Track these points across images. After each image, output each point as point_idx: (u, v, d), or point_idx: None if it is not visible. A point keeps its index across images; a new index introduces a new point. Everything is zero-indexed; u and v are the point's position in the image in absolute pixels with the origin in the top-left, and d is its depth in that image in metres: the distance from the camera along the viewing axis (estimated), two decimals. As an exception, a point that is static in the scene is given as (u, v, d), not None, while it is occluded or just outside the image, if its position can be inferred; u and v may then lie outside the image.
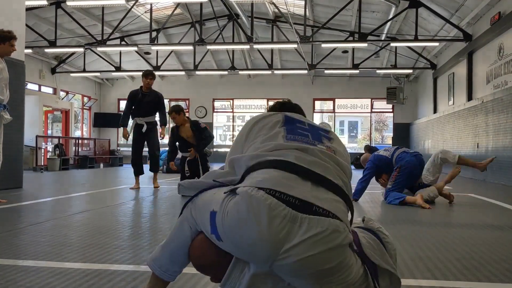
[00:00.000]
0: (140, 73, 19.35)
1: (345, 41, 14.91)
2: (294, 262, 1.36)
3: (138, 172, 7.30)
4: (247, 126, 1.82)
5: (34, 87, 16.85)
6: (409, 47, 15.55)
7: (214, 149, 19.90)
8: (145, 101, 7.18)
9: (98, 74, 19.60)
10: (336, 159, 1.60)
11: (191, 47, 15.73)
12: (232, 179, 1.63)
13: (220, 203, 1.46)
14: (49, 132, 18.27)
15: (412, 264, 2.58)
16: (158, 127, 7.30)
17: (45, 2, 11.38)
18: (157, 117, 7.40)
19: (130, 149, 7.42)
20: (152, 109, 7.27)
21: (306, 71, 17.07)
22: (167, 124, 7.62)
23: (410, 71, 17.50)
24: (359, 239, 1.56)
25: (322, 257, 1.36)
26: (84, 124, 20.82)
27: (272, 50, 16.86)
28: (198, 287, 2.12)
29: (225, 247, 1.48)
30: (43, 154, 15.24)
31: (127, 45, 16.06)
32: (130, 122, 7.37)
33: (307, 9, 13.04)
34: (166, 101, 21.50)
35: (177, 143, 7.02)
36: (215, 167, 9.44)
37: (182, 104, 21.70)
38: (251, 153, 1.63)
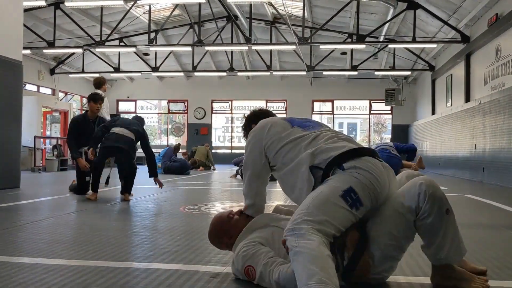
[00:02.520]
0: (139, 74, 19.41)
1: (344, 42, 14.95)
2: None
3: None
4: (261, 132, 2.26)
5: (33, 88, 16.87)
6: (407, 49, 15.58)
7: (213, 150, 19.93)
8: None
9: (97, 75, 19.57)
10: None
11: (189, 48, 15.77)
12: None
13: (352, 182, 1.88)
14: (48, 133, 18.27)
15: (403, 262, 2.59)
16: None
17: (44, 3, 11.40)
18: None
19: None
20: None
21: (304, 73, 17.10)
22: None
23: (409, 72, 17.54)
24: None
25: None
26: (83, 125, 20.79)
27: (270, 52, 16.89)
28: (190, 283, 2.14)
29: (364, 208, 1.90)
30: (41, 155, 15.24)
31: (125, 46, 16.08)
32: None
33: (305, 11, 13.08)
34: (164, 102, 21.81)
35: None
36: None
37: (181, 105, 21.75)
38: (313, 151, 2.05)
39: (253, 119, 2.57)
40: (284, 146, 2.15)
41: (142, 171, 6.62)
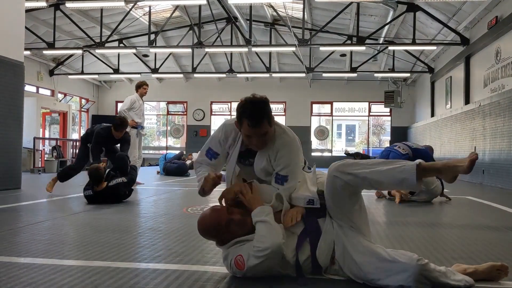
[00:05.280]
0: (139, 76, 19.34)
1: (343, 44, 14.96)
2: None
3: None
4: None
5: (32, 89, 16.84)
6: (406, 51, 15.60)
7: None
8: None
9: (96, 76, 19.62)
10: None
11: (189, 50, 15.76)
12: None
13: None
14: (47, 134, 18.25)
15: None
16: None
17: (44, 4, 11.37)
18: None
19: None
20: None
21: (304, 74, 17.11)
22: None
23: (408, 74, 17.56)
24: None
25: None
26: (81, 127, 20.80)
27: (270, 53, 16.90)
28: (200, 283, 2.14)
29: None
30: (40, 156, 15.22)
31: (125, 47, 16.06)
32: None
33: (305, 13, 13.09)
34: (163, 104, 21.84)
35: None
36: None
37: (180, 106, 21.76)
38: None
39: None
40: None
41: (145, 171, 6.60)
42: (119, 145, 6.82)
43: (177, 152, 14.35)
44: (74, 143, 17.15)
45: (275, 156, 2.34)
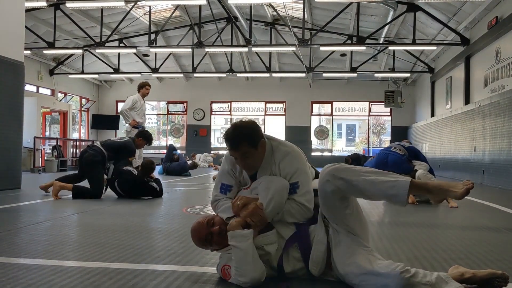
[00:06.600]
0: (139, 75, 19.36)
1: (343, 44, 14.96)
2: None
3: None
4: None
5: (32, 88, 16.85)
6: (407, 51, 15.60)
7: (213, 152, 19.95)
8: None
9: (96, 76, 19.62)
10: None
11: (189, 50, 15.76)
12: None
13: None
14: (47, 133, 18.25)
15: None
16: None
17: (45, 4, 11.37)
18: None
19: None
20: None
21: (304, 74, 17.11)
22: None
23: (408, 74, 17.56)
24: None
25: None
26: (82, 126, 20.81)
27: (270, 53, 16.89)
28: (198, 284, 2.14)
29: None
30: (40, 156, 15.22)
31: (125, 47, 16.06)
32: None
33: (305, 12, 13.08)
34: (164, 103, 21.83)
35: None
36: (213, 172, 9.37)
37: (180, 106, 21.79)
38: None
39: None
40: None
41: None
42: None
43: (178, 152, 14.26)
44: (75, 142, 17.16)
45: (278, 168, 2.32)
